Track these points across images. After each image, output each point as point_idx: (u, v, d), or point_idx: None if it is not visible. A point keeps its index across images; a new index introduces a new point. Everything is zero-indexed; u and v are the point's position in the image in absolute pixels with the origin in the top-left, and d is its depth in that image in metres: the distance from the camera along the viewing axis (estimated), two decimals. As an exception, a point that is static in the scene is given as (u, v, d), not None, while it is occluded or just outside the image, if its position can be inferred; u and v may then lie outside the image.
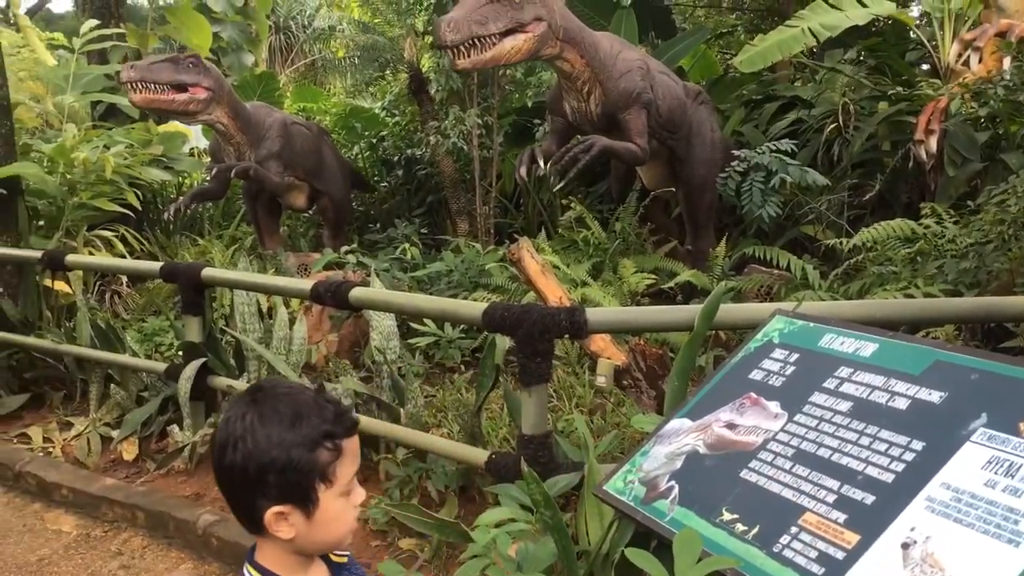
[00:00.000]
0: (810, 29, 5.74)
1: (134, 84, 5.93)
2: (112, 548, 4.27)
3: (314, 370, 5.03)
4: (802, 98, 7.30)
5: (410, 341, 5.17)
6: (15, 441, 5.53)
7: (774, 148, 5.29)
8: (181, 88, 6.15)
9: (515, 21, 4.71)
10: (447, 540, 3.25)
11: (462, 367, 5.19)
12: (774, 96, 7.79)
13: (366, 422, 4.01)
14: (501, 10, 4.71)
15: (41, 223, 7.02)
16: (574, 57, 5.09)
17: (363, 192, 9.63)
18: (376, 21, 10.30)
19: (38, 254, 5.70)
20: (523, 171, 5.31)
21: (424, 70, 8.37)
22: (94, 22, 7.74)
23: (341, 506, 1.47)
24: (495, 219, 8.01)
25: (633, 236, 5.99)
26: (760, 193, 5.00)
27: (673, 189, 6.15)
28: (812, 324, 2.53)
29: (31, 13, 12.87)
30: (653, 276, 5.42)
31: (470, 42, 4.58)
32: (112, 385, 5.47)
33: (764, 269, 5.42)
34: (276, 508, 1.41)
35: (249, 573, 1.50)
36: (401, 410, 4.10)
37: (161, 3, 9.79)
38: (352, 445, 1.49)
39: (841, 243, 4.83)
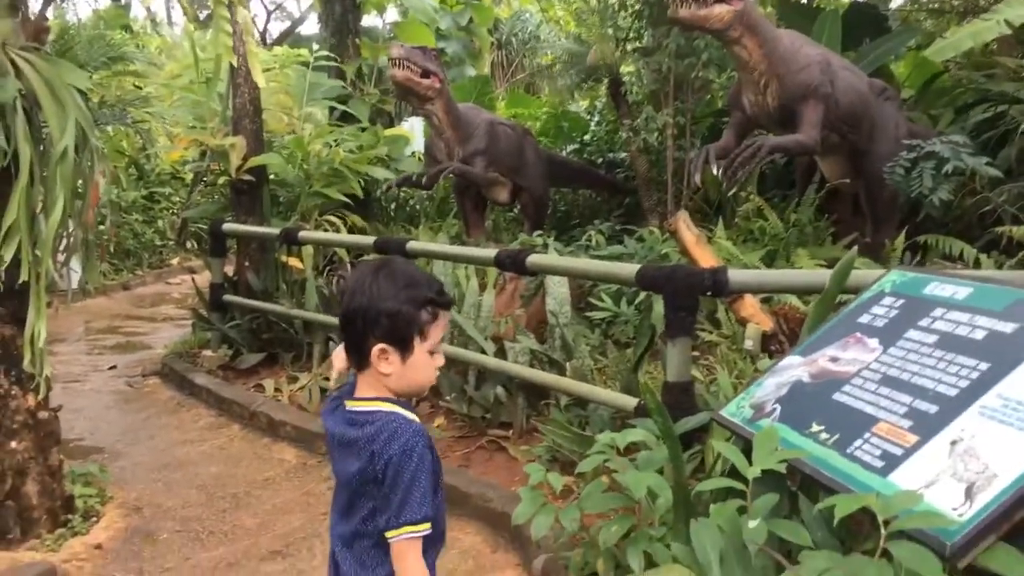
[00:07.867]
0: (1006, 20, 5.64)
1: (400, 61, 6.68)
2: (323, 474, 5.01)
3: (499, 340, 5.56)
4: (1008, 94, 7.06)
5: (587, 315, 5.60)
6: (251, 390, 6.53)
7: (946, 139, 5.25)
8: (426, 74, 6.90)
9: None
10: (582, 452, 3.58)
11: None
12: (983, 99, 7.55)
13: (535, 374, 4.51)
14: None
15: (281, 209, 8.10)
16: (752, 45, 5.34)
17: (618, 195, 9.77)
18: (580, 30, 10.83)
19: (277, 231, 6.66)
20: (698, 178, 5.64)
21: (623, 72, 8.77)
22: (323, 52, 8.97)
23: (427, 360, 1.91)
24: (685, 218, 8.24)
25: (810, 227, 6.09)
26: (931, 178, 4.98)
27: (849, 181, 6.19)
28: (921, 275, 2.74)
29: (283, 37, 14.53)
30: (827, 266, 5.51)
31: None
32: (331, 345, 6.31)
33: (947, 264, 5.37)
34: (381, 345, 1.85)
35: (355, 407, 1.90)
36: (567, 364, 4.56)
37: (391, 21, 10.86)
38: (445, 317, 1.95)
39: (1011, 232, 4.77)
